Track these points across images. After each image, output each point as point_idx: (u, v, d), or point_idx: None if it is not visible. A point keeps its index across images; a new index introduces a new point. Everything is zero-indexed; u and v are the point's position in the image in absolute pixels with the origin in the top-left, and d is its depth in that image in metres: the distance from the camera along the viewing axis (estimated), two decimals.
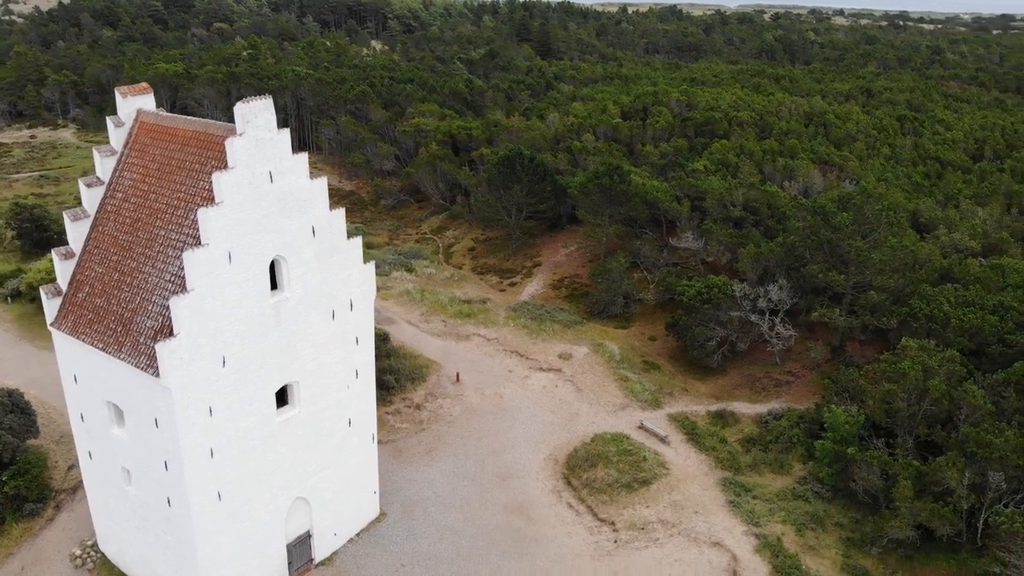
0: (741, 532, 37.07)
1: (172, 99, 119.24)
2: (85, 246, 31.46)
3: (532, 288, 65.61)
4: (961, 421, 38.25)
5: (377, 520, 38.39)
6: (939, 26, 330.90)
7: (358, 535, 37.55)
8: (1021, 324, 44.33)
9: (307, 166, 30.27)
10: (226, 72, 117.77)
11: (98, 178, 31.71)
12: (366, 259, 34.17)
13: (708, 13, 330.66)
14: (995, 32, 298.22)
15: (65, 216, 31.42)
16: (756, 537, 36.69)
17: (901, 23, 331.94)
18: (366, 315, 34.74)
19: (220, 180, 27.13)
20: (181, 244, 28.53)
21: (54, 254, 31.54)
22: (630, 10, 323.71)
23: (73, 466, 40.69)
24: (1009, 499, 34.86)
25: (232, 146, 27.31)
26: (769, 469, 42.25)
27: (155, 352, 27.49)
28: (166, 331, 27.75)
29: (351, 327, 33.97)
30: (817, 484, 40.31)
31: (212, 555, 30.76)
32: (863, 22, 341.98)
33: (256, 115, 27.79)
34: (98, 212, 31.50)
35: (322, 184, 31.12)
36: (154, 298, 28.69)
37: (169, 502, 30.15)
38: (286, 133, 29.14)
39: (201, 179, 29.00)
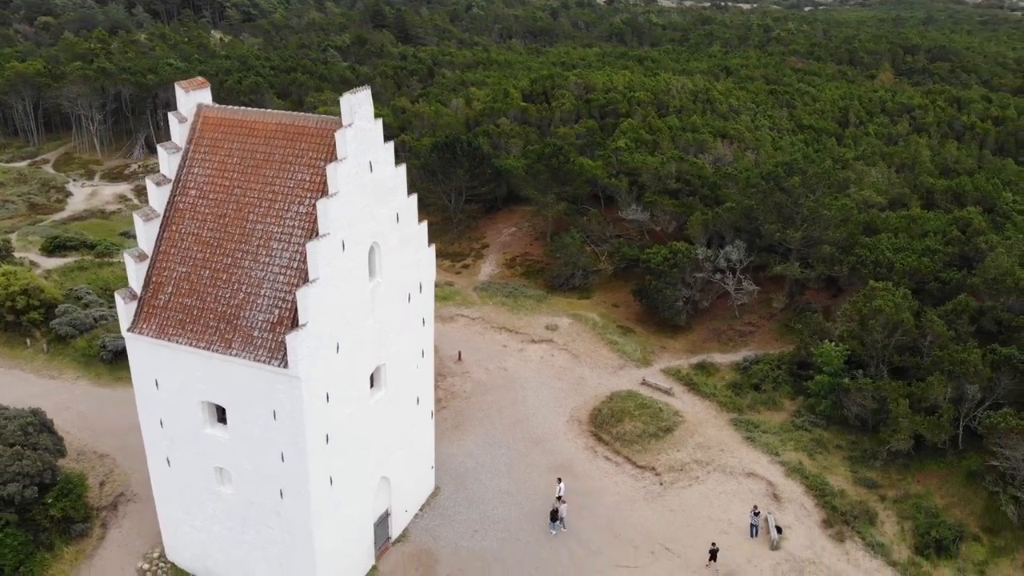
0: (767, 462, 41.67)
1: (35, 99, 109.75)
2: (157, 246, 30.78)
3: (488, 268, 67.73)
4: (926, 347, 44.73)
5: (434, 494, 39.79)
6: (755, 5, 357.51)
7: (421, 510, 38.84)
8: (948, 263, 51.93)
9: (393, 154, 31.29)
10: (97, 69, 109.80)
11: (165, 176, 31.03)
12: None
13: None
14: (807, 9, 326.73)
15: (136, 217, 30.56)
16: (780, 464, 41.42)
17: (723, 3, 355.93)
18: (430, 296, 36.09)
19: (336, 171, 27.77)
20: (288, 236, 28.85)
21: (126, 256, 30.63)
22: None
23: (105, 482, 39.09)
24: (979, 407, 41.43)
25: (343, 137, 27.96)
26: (765, 407, 47.23)
27: (276, 344, 27.99)
28: (285, 322, 28.13)
29: (419, 308, 35.24)
30: (811, 415, 45.65)
31: (324, 542, 31.33)
32: (687, 3, 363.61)
33: (360, 105, 28.55)
34: (168, 210, 30.88)
35: (403, 172, 32.21)
36: (263, 291, 28.84)
37: (282, 494, 30.41)
38: (380, 123, 30.00)
39: (298, 171, 29.35)
